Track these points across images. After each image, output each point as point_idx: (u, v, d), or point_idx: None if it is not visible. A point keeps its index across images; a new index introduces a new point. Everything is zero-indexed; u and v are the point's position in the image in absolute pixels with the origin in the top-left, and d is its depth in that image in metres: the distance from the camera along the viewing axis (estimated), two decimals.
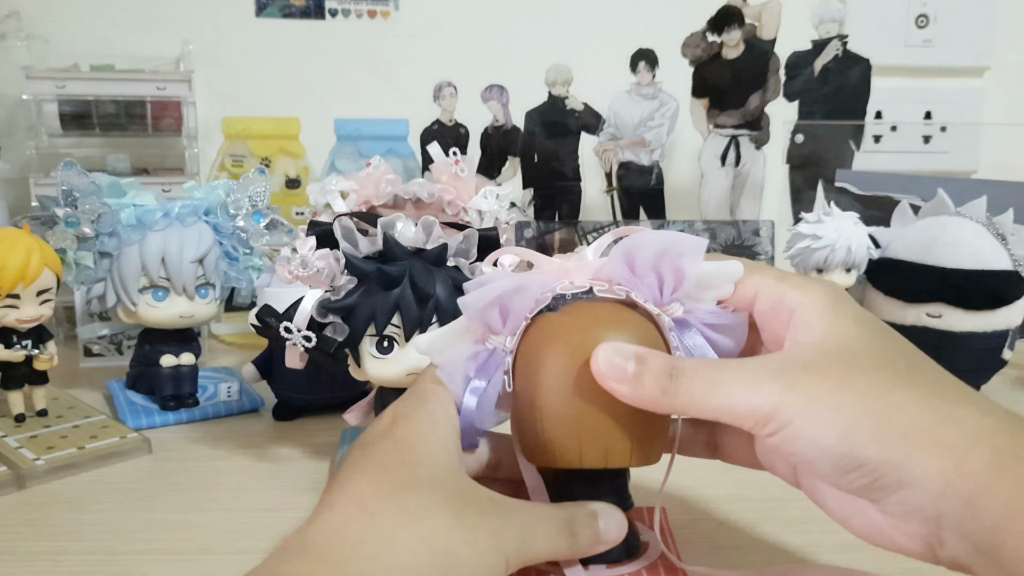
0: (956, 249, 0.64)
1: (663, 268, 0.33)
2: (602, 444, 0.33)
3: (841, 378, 0.29)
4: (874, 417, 0.28)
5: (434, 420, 0.32)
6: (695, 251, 0.33)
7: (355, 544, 0.27)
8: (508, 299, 0.34)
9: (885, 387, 0.29)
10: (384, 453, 0.30)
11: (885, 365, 0.30)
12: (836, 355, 0.30)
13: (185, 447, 0.56)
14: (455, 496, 0.30)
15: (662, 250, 0.33)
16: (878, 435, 0.27)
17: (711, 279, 0.34)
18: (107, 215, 0.58)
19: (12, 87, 0.85)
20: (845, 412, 0.28)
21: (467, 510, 0.29)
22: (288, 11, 0.99)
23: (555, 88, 0.90)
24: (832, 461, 0.28)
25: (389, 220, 0.45)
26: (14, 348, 0.54)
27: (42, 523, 0.44)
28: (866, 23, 1.01)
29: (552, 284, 0.35)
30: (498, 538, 0.29)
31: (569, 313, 0.34)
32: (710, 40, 0.87)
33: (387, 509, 0.28)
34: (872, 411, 0.28)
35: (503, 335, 0.34)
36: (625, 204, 0.92)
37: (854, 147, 0.90)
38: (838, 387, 0.29)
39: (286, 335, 0.45)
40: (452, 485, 0.30)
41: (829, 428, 0.28)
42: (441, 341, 0.35)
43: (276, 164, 0.89)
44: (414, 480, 0.29)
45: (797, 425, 0.28)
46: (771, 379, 0.29)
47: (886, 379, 0.29)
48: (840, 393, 0.28)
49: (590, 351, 0.32)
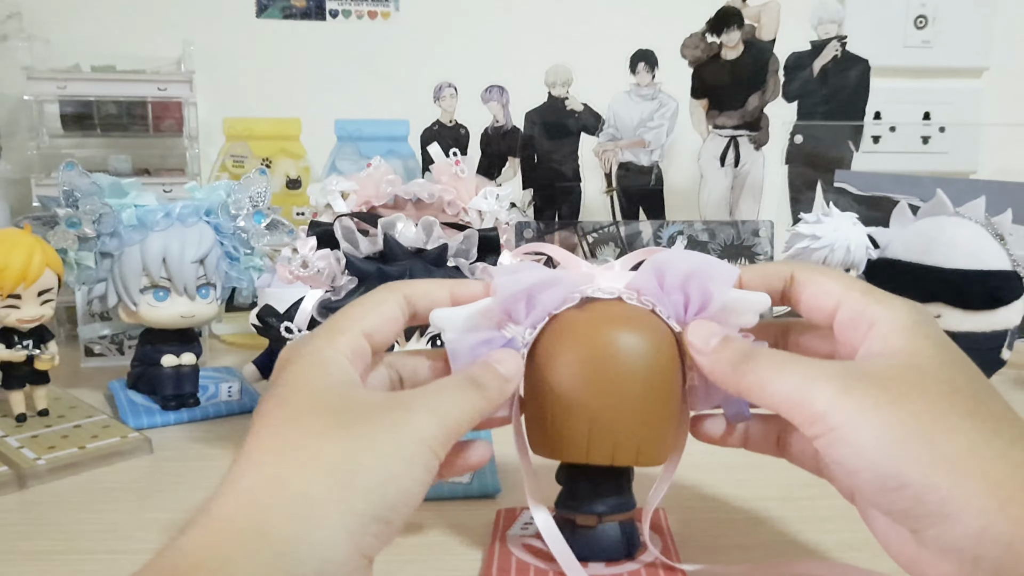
0: (955, 249, 0.65)
1: (691, 288, 0.34)
2: (610, 441, 0.33)
3: (900, 393, 0.28)
4: (925, 438, 0.27)
5: (314, 356, 0.31)
6: (726, 278, 0.34)
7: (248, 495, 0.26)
8: (538, 291, 0.34)
9: (943, 411, 0.28)
10: (264, 405, 0.30)
11: (950, 391, 0.29)
12: (902, 370, 0.29)
13: (186, 447, 0.56)
14: (340, 411, 0.28)
15: (693, 271, 0.34)
16: (925, 456, 0.27)
17: (737, 306, 0.34)
18: (108, 215, 0.58)
19: (13, 87, 0.85)
20: (895, 427, 0.27)
21: (355, 418, 0.28)
22: (289, 12, 0.99)
23: (555, 89, 0.90)
24: (874, 475, 0.27)
25: (389, 220, 0.45)
26: (15, 348, 0.54)
27: (43, 523, 0.44)
28: (865, 24, 1.01)
29: (582, 286, 0.35)
30: (407, 434, 0.28)
31: (589, 310, 0.35)
32: (709, 41, 0.87)
33: (268, 452, 0.27)
34: (924, 432, 0.27)
35: (523, 326, 0.34)
36: (625, 204, 0.92)
37: (853, 147, 0.90)
38: (894, 401, 0.28)
39: (287, 335, 0.45)
40: (336, 403, 0.29)
41: (875, 439, 0.27)
42: (458, 318, 0.35)
43: (277, 164, 0.89)
44: (292, 417, 0.28)
45: (844, 431, 0.28)
46: (829, 379, 0.29)
47: (946, 404, 0.28)
48: (895, 408, 0.28)
49: (607, 347, 0.33)
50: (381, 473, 0.27)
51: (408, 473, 0.27)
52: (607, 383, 0.33)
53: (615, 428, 0.33)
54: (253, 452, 0.28)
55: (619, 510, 0.37)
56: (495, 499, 0.47)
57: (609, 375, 0.33)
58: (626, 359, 0.33)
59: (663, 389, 0.34)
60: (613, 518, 0.37)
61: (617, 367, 0.33)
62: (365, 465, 0.27)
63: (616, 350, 0.33)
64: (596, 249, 0.77)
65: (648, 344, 0.33)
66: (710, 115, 0.90)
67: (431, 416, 0.29)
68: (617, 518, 0.37)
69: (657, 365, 0.33)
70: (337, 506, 0.25)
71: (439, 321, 0.35)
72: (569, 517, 0.37)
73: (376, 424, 0.28)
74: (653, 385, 0.34)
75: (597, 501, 0.36)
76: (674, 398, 0.35)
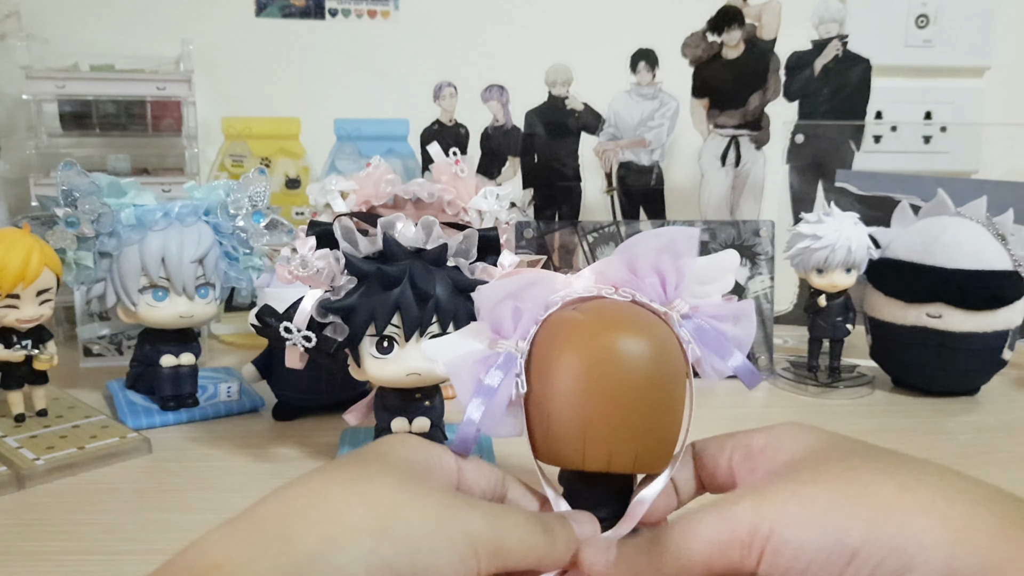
0: (956, 249, 0.64)
1: (663, 266, 0.34)
2: (606, 448, 0.33)
3: (810, 476, 0.28)
4: (851, 499, 0.27)
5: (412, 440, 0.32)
6: (689, 247, 0.34)
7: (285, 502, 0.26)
8: (518, 293, 0.34)
9: (853, 472, 0.28)
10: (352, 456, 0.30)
11: (849, 454, 0.29)
12: (801, 461, 0.30)
13: (185, 447, 0.56)
14: (405, 472, 0.29)
15: (659, 248, 0.34)
16: (860, 515, 0.26)
17: (708, 273, 0.34)
18: (107, 215, 0.58)
19: (12, 87, 0.85)
20: (819, 503, 0.27)
21: (416, 483, 0.28)
22: (288, 11, 0.99)
23: (555, 88, 0.90)
24: (824, 558, 0.26)
25: (389, 220, 0.45)
26: (14, 348, 0.54)
27: (42, 523, 0.44)
28: (866, 23, 1.01)
29: (560, 291, 0.35)
30: (459, 520, 0.28)
31: (584, 312, 0.34)
32: (710, 40, 0.87)
33: (320, 478, 0.28)
34: (847, 494, 0.27)
35: (513, 339, 0.34)
36: (625, 204, 0.92)
37: (854, 147, 0.90)
38: (807, 484, 0.28)
39: (286, 335, 0.45)
40: (404, 466, 0.29)
41: (808, 523, 0.27)
42: (449, 346, 0.35)
43: (276, 164, 0.89)
44: (356, 461, 0.29)
45: (778, 532, 0.27)
46: (740, 502, 0.29)
47: (853, 465, 0.28)
48: (812, 488, 0.28)
49: (603, 353, 0.32)
50: (419, 536, 0.26)
51: (446, 553, 0.27)
52: (602, 391, 0.32)
53: (610, 436, 0.33)
54: (307, 477, 0.28)
55: (620, 516, 0.37)
56: None
57: (607, 377, 0.32)
58: (625, 362, 0.33)
59: (664, 393, 0.33)
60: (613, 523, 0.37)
61: (616, 370, 0.33)
62: (408, 519, 0.27)
63: (614, 352, 0.33)
64: (596, 249, 0.76)
65: (649, 348, 0.33)
66: (711, 114, 0.90)
67: (489, 523, 0.29)
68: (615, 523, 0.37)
69: (657, 370, 0.33)
70: (366, 541, 0.25)
71: (430, 352, 0.35)
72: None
73: (433, 498, 0.28)
74: (653, 390, 0.33)
75: (599, 507, 0.36)
76: (675, 400, 0.34)
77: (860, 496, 0.27)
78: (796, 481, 0.28)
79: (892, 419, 0.64)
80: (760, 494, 0.28)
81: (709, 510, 0.29)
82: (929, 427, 0.62)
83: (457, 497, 0.29)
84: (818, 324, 0.69)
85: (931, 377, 0.68)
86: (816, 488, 0.28)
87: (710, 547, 0.29)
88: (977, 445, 0.58)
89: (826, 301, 0.68)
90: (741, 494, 0.29)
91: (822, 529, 0.26)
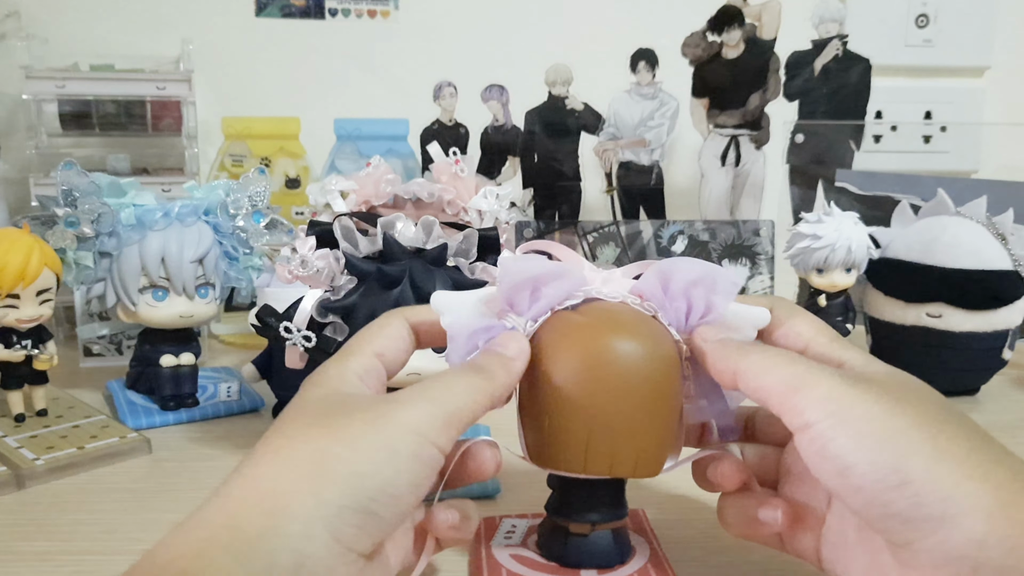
0: (956, 249, 0.64)
1: (694, 296, 0.34)
2: (608, 452, 0.33)
3: (900, 396, 0.28)
4: (928, 436, 0.27)
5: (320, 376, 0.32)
6: (729, 290, 0.34)
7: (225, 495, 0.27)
8: (543, 283, 0.34)
9: (938, 416, 0.28)
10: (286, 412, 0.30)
11: (938, 404, 0.29)
12: (896, 382, 0.30)
13: (185, 447, 0.56)
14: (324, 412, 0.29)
15: (697, 279, 0.34)
16: (929, 452, 0.26)
17: (736, 320, 0.34)
18: (107, 215, 0.58)
19: (12, 87, 0.85)
20: (897, 417, 0.27)
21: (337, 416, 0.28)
22: (288, 11, 0.99)
23: (555, 88, 0.90)
24: (871, 469, 0.26)
25: (389, 220, 0.45)
26: (14, 348, 0.54)
27: (42, 523, 0.44)
28: (866, 23, 1.01)
29: (587, 285, 0.35)
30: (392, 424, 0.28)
31: (592, 312, 0.34)
32: (710, 40, 0.87)
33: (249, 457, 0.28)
34: (926, 431, 0.27)
35: (524, 317, 0.34)
36: (625, 204, 0.92)
37: (854, 147, 0.90)
38: (895, 400, 0.28)
39: (286, 335, 0.45)
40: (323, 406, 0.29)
41: (876, 429, 0.27)
42: (459, 303, 0.35)
43: (276, 164, 0.89)
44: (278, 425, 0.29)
45: (841, 419, 0.27)
46: (830, 373, 0.29)
47: (939, 412, 0.28)
48: (896, 402, 0.28)
49: (609, 353, 0.32)
50: (357, 464, 0.27)
51: (392, 463, 0.27)
52: (607, 392, 0.32)
53: (612, 441, 0.32)
54: (241, 462, 0.28)
55: (613, 518, 0.36)
56: (495, 500, 0.47)
57: (610, 383, 0.32)
58: (627, 367, 0.32)
59: (664, 399, 0.33)
60: (607, 526, 0.36)
61: (619, 375, 0.32)
62: (339, 456, 0.26)
63: (617, 357, 0.32)
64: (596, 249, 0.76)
65: (650, 353, 0.33)
66: (711, 114, 0.90)
67: (426, 405, 0.29)
68: (611, 526, 0.37)
69: (658, 375, 0.33)
70: (308, 499, 0.25)
71: (440, 304, 0.34)
72: (562, 524, 0.37)
73: (358, 418, 0.28)
74: (654, 395, 0.33)
75: (592, 509, 0.36)
76: (675, 408, 0.34)
77: (938, 439, 0.27)
78: (887, 392, 0.28)
79: None
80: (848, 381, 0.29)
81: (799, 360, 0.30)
82: None
83: (384, 402, 0.29)
84: None
85: (931, 377, 0.66)
86: (901, 407, 0.28)
87: (778, 382, 0.29)
88: None
89: (826, 301, 0.68)
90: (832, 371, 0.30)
91: (888, 443, 0.27)
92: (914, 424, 0.27)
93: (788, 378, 0.29)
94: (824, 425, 0.28)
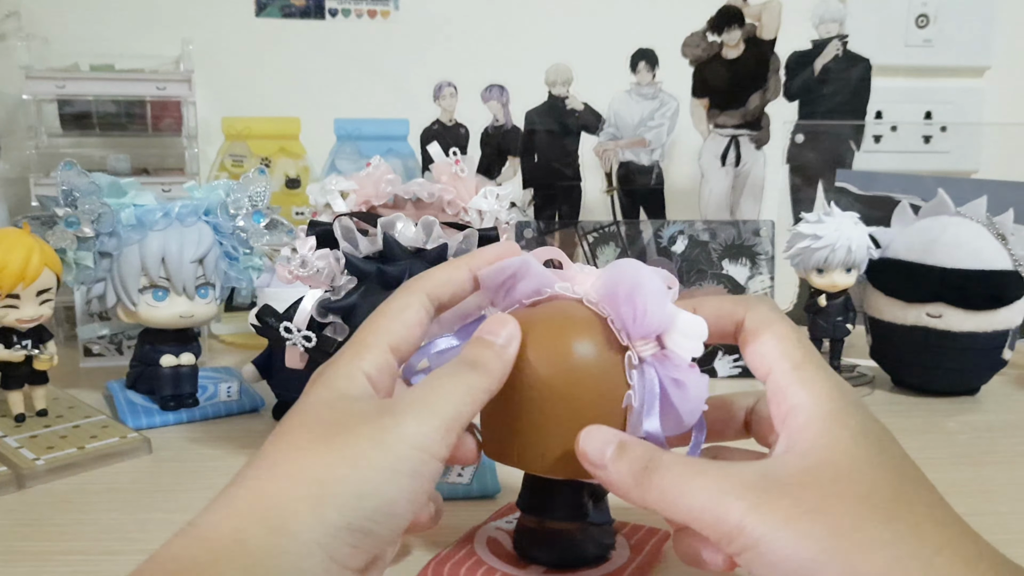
0: (956, 249, 0.64)
1: (636, 301, 0.32)
2: (537, 449, 0.33)
3: (815, 503, 0.27)
4: (841, 555, 0.26)
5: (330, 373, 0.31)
6: (657, 293, 0.32)
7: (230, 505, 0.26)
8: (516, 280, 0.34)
9: (861, 520, 0.26)
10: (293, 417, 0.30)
11: (869, 492, 0.27)
12: (817, 473, 0.28)
13: (185, 447, 0.56)
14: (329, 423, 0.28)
15: (636, 283, 0.32)
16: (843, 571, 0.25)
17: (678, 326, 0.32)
18: (107, 215, 0.58)
19: (12, 87, 0.85)
20: (810, 543, 0.26)
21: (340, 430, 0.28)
22: (288, 11, 0.99)
23: (555, 88, 0.90)
24: None
25: (389, 220, 0.45)
26: (14, 348, 0.54)
27: (42, 523, 0.44)
28: (866, 23, 1.01)
29: (555, 282, 0.35)
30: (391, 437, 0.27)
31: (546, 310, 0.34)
32: (710, 40, 0.87)
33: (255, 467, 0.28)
34: (840, 547, 0.26)
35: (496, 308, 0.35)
36: (625, 204, 0.92)
37: (854, 147, 0.89)
38: (809, 513, 0.27)
39: (286, 335, 0.45)
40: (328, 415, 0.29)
41: (791, 557, 0.26)
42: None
43: (276, 164, 0.89)
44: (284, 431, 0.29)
45: (761, 549, 0.27)
46: (741, 493, 0.27)
47: (864, 510, 0.27)
48: (810, 520, 0.26)
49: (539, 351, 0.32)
50: (358, 484, 0.26)
51: (392, 482, 0.27)
52: (535, 388, 0.32)
53: (540, 436, 0.32)
54: (245, 467, 0.28)
55: (570, 519, 0.36)
56: (495, 499, 0.47)
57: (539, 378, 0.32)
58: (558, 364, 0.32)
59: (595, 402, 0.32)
60: (559, 525, 0.36)
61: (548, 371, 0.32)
62: (340, 477, 0.26)
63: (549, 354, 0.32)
64: (596, 249, 0.76)
65: (583, 353, 0.32)
66: (711, 114, 0.90)
67: (428, 416, 0.28)
68: (565, 526, 0.36)
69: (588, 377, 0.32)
70: (309, 518, 0.25)
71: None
72: (524, 520, 0.37)
73: (358, 435, 0.28)
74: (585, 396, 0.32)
75: (542, 506, 0.36)
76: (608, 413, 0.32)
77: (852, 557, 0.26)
78: (800, 503, 0.27)
79: (892, 419, 0.63)
80: (760, 501, 0.27)
81: (707, 482, 0.28)
82: (929, 427, 0.62)
83: (388, 414, 0.28)
84: (818, 324, 0.69)
85: (931, 377, 0.68)
86: (815, 525, 0.26)
87: (692, 514, 0.28)
88: (977, 445, 0.58)
89: (826, 301, 0.68)
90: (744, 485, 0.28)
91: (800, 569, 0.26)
92: (828, 548, 0.26)
93: (699, 511, 0.28)
94: (748, 556, 0.27)
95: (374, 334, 0.32)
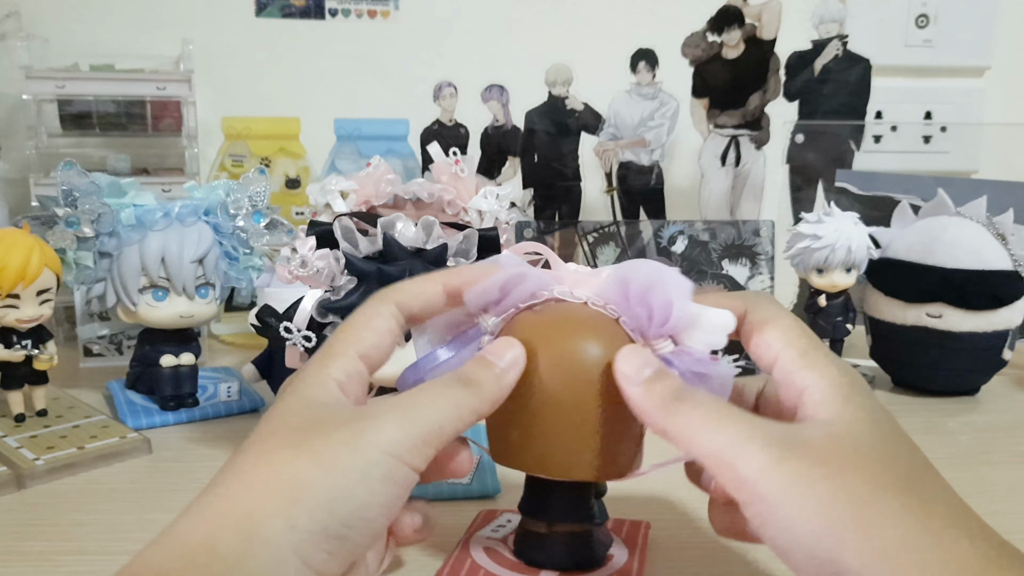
0: (956, 249, 0.64)
1: (653, 300, 0.32)
2: (543, 452, 0.32)
3: (837, 467, 0.27)
4: (862, 523, 0.26)
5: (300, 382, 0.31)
6: (682, 292, 0.32)
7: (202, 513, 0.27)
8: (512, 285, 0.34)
9: (879, 490, 0.26)
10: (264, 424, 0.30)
11: (887, 466, 0.28)
12: (840, 441, 0.28)
13: (185, 447, 0.56)
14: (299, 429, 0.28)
15: (654, 282, 0.32)
16: (861, 544, 0.25)
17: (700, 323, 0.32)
18: (107, 215, 0.58)
19: (12, 87, 0.85)
20: (829, 509, 0.26)
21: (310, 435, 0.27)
22: (288, 11, 0.99)
23: (555, 88, 0.90)
24: (807, 558, 0.26)
25: (389, 220, 0.45)
26: (14, 348, 0.54)
27: (42, 523, 0.44)
28: (866, 23, 1.01)
29: (552, 286, 0.34)
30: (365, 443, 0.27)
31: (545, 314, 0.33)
32: (710, 40, 0.87)
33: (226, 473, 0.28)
34: (860, 516, 0.26)
35: (490, 315, 0.34)
36: (625, 204, 0.92)
37: (854, 147, 0.89)
38: (829, 477, 0.26)
39: (286, 335, 0.45)
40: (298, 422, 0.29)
41: (808, 521, 0.26)
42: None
43: (276, 164, 0.89)
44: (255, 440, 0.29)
45: (774, 506, 0.26)
46: (765, 445, 0.27)
47: (882, 481, 0.27)
48: (831, 484, 0.26)
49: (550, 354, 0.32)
50: (330, 488, 0.26)
51: (363, 484, 0.27)
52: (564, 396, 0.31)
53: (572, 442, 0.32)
54: (217, 475, 0.28)
55: (574, 521, 0.36)
56: (495, 499, 0.47)
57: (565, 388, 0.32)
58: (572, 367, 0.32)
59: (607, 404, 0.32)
60: (566, 528, 0.36)
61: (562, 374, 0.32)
62: (310, 481, 0.26)
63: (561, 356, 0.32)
64: (596, 249, 0.76)
65: (597, 354, 0.32)
66: (711, 114, 0.90)
67: (403, 423, 0.28)
68: (570, 528, 0.36)
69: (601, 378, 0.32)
70: (282, 524, 0.25)
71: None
72: (526, 521, 0.37)
73: (330, 438, 0.27)
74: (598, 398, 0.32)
75: (550, 509, 0.36)
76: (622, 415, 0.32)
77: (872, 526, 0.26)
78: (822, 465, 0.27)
79: None
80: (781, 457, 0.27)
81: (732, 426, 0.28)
82: (929, 427, 0.62)
83: (360, 418, 0.28)
84: (818, 324, 0.69)
85: (931, 377, 0.68)
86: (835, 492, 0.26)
87: (709, 453, 0.28)
88: (977, 445, 0.58)
89: (826, 301, 0.68)
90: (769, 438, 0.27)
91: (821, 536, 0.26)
92: (849, 514, 0.26)
93: (718, 451, 0.28)
94: (758, 509, 0.27)
95: (343, 343, 0.32)
